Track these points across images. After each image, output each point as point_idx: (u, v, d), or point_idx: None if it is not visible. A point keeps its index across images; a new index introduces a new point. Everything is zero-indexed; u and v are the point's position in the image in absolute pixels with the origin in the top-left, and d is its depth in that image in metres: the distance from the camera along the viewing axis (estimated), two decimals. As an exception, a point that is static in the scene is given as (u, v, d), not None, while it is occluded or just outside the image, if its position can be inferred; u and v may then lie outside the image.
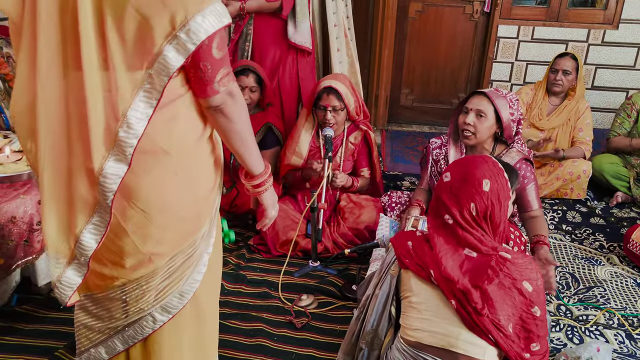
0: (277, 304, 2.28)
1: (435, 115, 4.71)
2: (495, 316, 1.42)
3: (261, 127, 2.93)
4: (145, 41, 1.02)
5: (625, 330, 2.16)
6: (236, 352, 1.97)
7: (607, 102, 4.43)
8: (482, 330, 1.42)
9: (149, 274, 1.22)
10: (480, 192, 1.46)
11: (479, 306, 1.41)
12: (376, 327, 1.63)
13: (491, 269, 1.44)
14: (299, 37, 3.11)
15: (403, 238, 1.61)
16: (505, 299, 1.43)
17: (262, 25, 3.13)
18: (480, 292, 1.42)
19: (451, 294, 1.45)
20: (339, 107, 2.69)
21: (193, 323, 1.37)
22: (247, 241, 2.76)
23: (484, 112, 2.29)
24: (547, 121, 3.42)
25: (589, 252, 2.78)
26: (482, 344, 1.44)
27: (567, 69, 3.32)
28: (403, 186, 3.51)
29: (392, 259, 1.62)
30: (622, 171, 3.36)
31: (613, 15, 4.22)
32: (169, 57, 1.03)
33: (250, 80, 2.83)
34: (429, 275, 1.48)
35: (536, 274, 1.48)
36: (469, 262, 1.47)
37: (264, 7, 3.05)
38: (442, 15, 4.44)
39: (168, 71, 1.04)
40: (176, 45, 1.02)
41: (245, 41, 3.17)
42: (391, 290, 1.61)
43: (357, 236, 2.64)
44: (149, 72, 1.04)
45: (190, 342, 1.38)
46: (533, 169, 2.38)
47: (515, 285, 1.44)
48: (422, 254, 1.52)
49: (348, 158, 2.86)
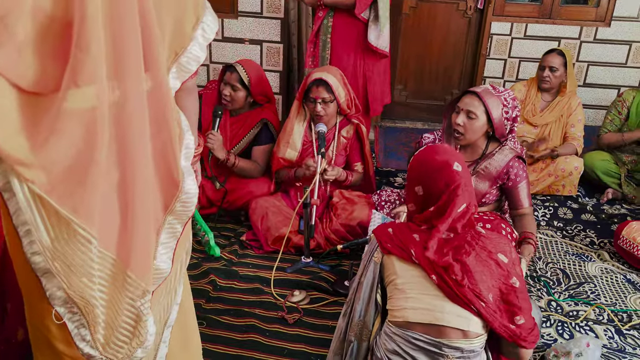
0: (269, 300, 2.28)
1: (428, 112, 4.71)
2: (476, 286, 1.48)
3: (257, 122, 2.92)
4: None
5: (614, 326, 2.18)
6: (228, 348, 1.97)
7: (599, 99, 4.45)
8: (464, 300, 1.48)
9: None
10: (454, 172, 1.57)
11: (459, 277, 1.48)
12: (364, 316, 1.66)
13: (467, 244, 1.53)
14: (382, 42, 3.25)
15: (383, 226, 1.69)
16: (483, 270, 1.51)
17: (341, 23, 3.25)
18: (460, 264, 1.49)
19: (432, 270, 1.51)
20: (329, 99, 2.69)
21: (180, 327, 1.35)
22: (239, 237, 2.75)
23: (474, 112, 2.29)
24: (540, 117, 3.43)
25: (580, 249, 2.80)
26: (466, 314, 1.49)
27: (553, 66, 3.33)
28: (396, 182, 3.52)
29: (375, 247, 1.67)
30: (613, 168, 3.38)
31: (605, 12, 4.23)
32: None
33: (232, 78, 2.84)
34: (410, 255, 1.54)
35: (509, 247, 1.57)
36: (448, 243, 1.55)
37: (339, 3, 3.20)
38: (436, 11, 4.44)
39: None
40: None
41: (327, 33, 3.29)
42: (375, 277, 1.65)
43: (350, 232, 2.64)
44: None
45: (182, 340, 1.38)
46: (525, 167, 2.39)
47: (492, 257, 1.52)
48: (402, 237, 1.59)
49: (340, 152, 2.86)
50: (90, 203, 0.92)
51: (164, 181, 1.04)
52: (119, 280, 0.99)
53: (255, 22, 4.10)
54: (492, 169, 2.35)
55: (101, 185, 0.93)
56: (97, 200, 0.93)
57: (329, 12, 3.28)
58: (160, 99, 1.00)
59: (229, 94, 2.85)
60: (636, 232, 2.60)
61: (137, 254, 0.99)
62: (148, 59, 0.97)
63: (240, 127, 2.91)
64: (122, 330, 1.02)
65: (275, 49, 4.16)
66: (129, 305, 1.01)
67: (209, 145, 2.72)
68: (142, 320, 1.03)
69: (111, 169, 0.94)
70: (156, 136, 1.01)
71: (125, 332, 1.03)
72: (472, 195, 1.59)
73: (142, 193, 0.99)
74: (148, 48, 0.96)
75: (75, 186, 0.91)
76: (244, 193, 2.87)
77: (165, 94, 1.01)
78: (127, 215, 0.97)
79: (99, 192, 0.93)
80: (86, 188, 0.91)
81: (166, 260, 1.08)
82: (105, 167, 0.93)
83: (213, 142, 2.72)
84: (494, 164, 2.35)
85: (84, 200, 0.91)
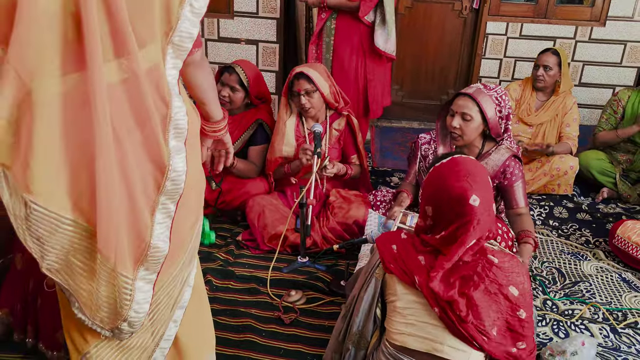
0: (265, 300, 2.28)
1: (424, 112, 4.72)
2: (481, 323, 1.41)
3: (252, 123, 2.92)
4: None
5: (609, 325, 2.19)
6: (224, 348, 1.97)
7: (594, 99, 4.47)
8: (466, 336, 1.42)
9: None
10: (471, 210, 1.42)
11: (463, 314, 1.40)
12: (362, 329, 1.63)
13: (477, 275, 1.43)
14: (390, 46, 3.30)
15: (388, 241, 1.58)
16: (490, 304, 1.42)
17: (344, 25, 3.29)
18: (466, 299, 1.41)
19: (435, 302, 1.43)
20: (311, 89, 2.70)
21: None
22: (235, 237, 2.75)
23: (468, 114, 2.29)
24: (535, 117, 3.44)
25: (575, 248, 2.81)
26: (467, 349, 1.44)
27: (548, 65, 3.34)
28: (392, 182, 3.52)
29: (377, 262, 1.61)
30: (608, 167, 3.40)
31: (600, 12, 4.25)
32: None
33: (231, 79, 2.83)
34: (413, 281, 1.47)
35: (523, 277, 1.47)
36: (456, 272, 1.45)
37: (343, 5, 3.23)
38: (432, 11, 4.45)
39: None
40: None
41: (330, 35, 3.32)
42: (376, 293, 1.60)
43: (346, 231, 2.65)
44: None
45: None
46: (522, 166, 2.39)
47: (502, 291, 1.43)
48: (407, 259, 1.50)
49: (334, 145, 2.87)
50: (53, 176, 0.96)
51: (152, 163, 1.05)
52: (94, 253, 1.03)
53: (251, 22, 4.10)
54: (489, 169, 2.35)
55: (76, 165, 0.96)
56: (64, 174, 0.96)
57: (332, 14, 3.29)
58: (141, 84, 1.00)
59: (227, 95, 2.84)
60: (631, 231, 2.61)
61: (109, 232, 1.01)
62: (122, 45, 0.97)
63: (236, 128, 2.90)
64: (102, 303, 1.06)
65: (271, 49, 4.16)
66: (106, 279, 1.05)
67: None
68: (124, 296, 1.06)
69: (94, 149, 0.96)
70: (142, 120, 1.03)
71: (105, 305, 1.07)
72: (487, 227, 1.44)
73: (121, 174, 1.01)
74: (121, 33, 0.96)
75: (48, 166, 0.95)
76: (240, 193, 2.86)
77: (147, 79, 1.02)
78: (106, 193, 0.99)
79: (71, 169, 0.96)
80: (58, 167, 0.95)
81: (164, 239, 1.10)
82: (86, 147, 0.96)
83: None
84: (490, 164, 2.36)
85: (42, 176, 0.95)
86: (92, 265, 1.04)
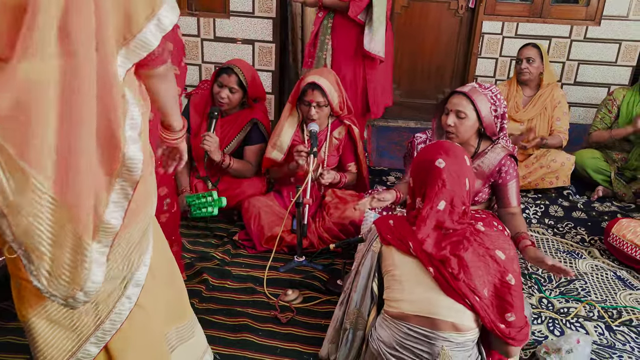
0: (262, 299, 2.28)
1: (421, 111, 4.73)
2: (471, 281, 1.52)
3: (247, 122, 2.92)
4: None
5: (605, 322, 2.20)
6: (221, 348, 1.97)
7: (589, 98, 4.49)
8: (459, 294, 1.52)
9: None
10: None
11: (455, 271, 1.52)
12: (360, 305, 1.70)
13: (466, 240, 1.57)
14: (375, 46, 3.27)
15: (385, 218, 1.74)
16: (479, 265, 1.54)
17: (341, 25, 3.30)
18: (457, 259, 1.53)
19: (429, 262, 1.55)
20: (323, 103, 2.70)
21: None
22: (232, 237, 2.75)
23: (463, 112, 2.30)
24: (524, 112, 3.45)
25: (571, 246, 2.82)
26: (460, 308, 1.54)
27: (530, 57, 3.37)
28: (388, 181, 3.53)
29: (374, 237, 1.71)
30: (604, 166, 3.41)
31: (595, 11, 4.27)
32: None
33: (231, 80, 2.81)
34: (409, 247, 1.59)
35: (508, 244, 1.60)
36: (447, 238, 1.59)
37: (337, 5, 3.25)
38: (428, 10, 4.46)
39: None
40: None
41: (325, 34, 3.33)
42: (373, 266, 1.69)
43: (342, 231, 2.65)
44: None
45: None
46: (517, 166, 2.40)
47: (489, 253, 1.56)
48: (402, 230, 1.63)
49: (332, 153, 2.87)
50: (37, 148, 0.99)
51: (108, 147, 1.10)
52: (60, 222, 1.06)
53: (247, 22, 4.10)
54: (485, 168, 2.36)
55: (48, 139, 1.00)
56: (45, 148, 1.00)
57: (329, 14, 3.30)
58: (104, 74, 1.06)
59: (226, 96, 2.82)
60: (626, 230, 2.62)
61: (76, 202, 1.06)
62: (99, 37, 1.03)
63: (231, 128, 2.90)
64: (64, 271, 1.09)
65: (267, 48, 4.16)
66: (70, 248, 1.08)
67: (206, 147, 2.69)
68: (81, 265, 1.10)
69: (59, 126, 1.01)
70: (100, 106, 1.07)
71: (67, 272, 1.10)
72: (457, 195, 1.61)
73: (84, 153, 1.06)
74: (99, 27, 1.02)
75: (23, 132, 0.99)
76: (237, 193, 2.86)
77: (109, 70, 1.07)
78: (69, 167, 1.04)
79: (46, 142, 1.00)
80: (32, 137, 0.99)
81: (117, 217, 1.14)
82: (53, 125, 1.00)
83: (210, 144, 2.70)
84: (486, 162, 2.37)
85: (29, 144, 0.98)
86: (60, 232, 1.07)
